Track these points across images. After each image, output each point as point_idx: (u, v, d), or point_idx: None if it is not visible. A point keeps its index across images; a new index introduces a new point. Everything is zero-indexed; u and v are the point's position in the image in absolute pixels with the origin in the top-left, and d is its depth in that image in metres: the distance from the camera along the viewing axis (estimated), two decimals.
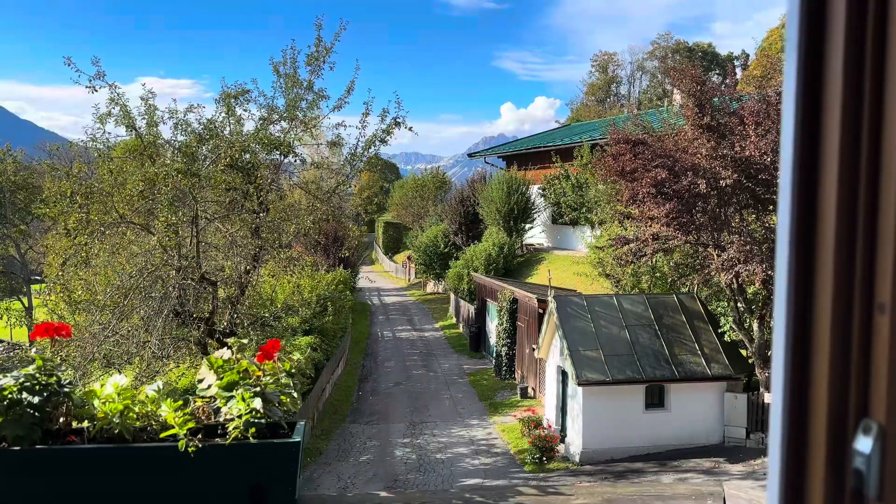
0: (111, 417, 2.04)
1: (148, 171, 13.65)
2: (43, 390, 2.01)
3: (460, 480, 15.97)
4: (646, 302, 18.36)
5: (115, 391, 2.11)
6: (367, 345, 33.04)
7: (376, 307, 44.99)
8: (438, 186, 62.56)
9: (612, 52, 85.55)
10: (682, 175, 15.66)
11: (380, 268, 69.95)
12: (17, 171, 37.82)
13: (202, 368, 2.28)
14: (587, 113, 69.24)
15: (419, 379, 26.35)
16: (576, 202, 32.68)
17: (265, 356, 2.26)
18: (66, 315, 16.47)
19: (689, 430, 17.08)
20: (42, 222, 29.51)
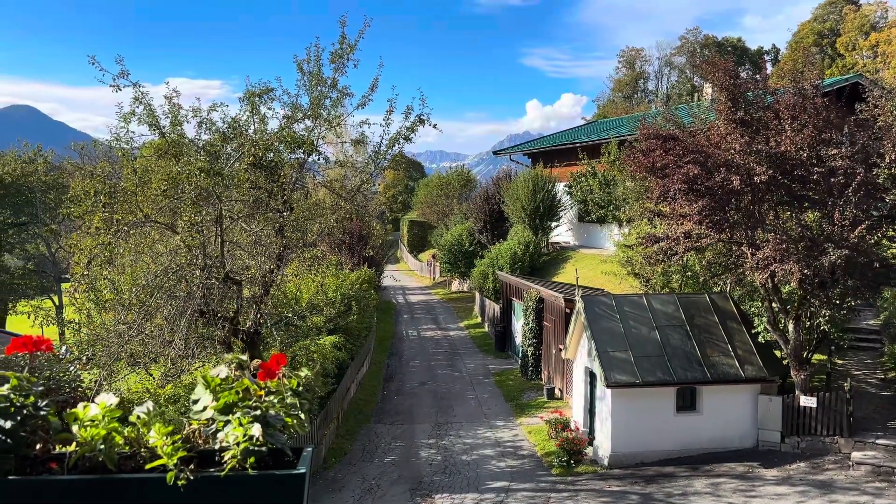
0: (94, 443, 1.80)
1: (172, 170, 13.57)
2: (17, 413, 1.78)
3: (486, 483, 15.70)
4: (676, 302, 17.92)
5: (102, 412, 1.88)
6: (392, 344, 32.90)
7: (401, 306, 44.87)
8: (463, 184, 62.26)
9: (640, 48, 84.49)
10: (715, 171, 15.21)
11: (404, 266, 69.89)
12: (48, 171, 38.37)
13: (197, 388, 2.04)
14: (614, 109, 68.40)
15: (444, 379, 26.12)
16: (603, 199, 32.18)
17: (267, 374, 2.02)
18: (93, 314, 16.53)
19: (722, 433, 16.65)
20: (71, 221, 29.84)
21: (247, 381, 2.07)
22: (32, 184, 37.04)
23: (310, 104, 15.56)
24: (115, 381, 15.61)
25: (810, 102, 15.50)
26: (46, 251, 39.81)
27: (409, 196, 76.02)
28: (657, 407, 16.45)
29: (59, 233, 37.54)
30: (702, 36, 78.12)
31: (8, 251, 38.99)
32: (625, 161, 18.47)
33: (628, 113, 55.61)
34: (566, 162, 38.70)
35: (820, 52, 63.71)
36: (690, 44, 77.31)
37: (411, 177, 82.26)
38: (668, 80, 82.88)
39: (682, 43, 78.60)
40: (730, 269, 17.66)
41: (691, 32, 79.22)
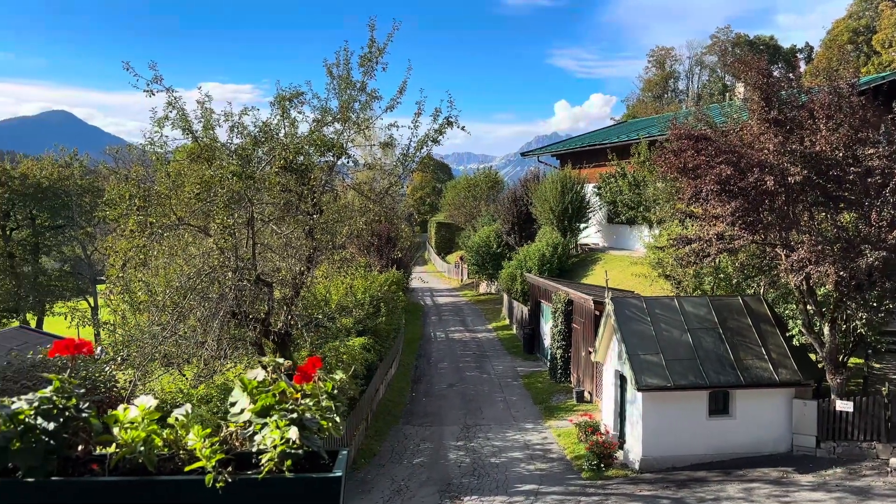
0: (135, 445, 1.83)
1: (204, 173, 13.75)
2: (59, 415, 1.82)
3: (515, 486, 15.64)
4: (709, 304, 17.67)
5: (141, 414, 1.90)
6: (420, 346, 32.96)
7: (429, 308, 44.93)
8: (491, 186, 62.16)
9: (670, 47, 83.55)
10: (749, 171, 14.98)
11: (432, 268, 69.99)
12: (84, 175, 39.19)
13: (235, 390, 2.06)
14: (644, 109, 67.74)
15: (472, 381, 26.09)
16: (633, 201, 31.87)
17: (304, 377, 2.02)
18: (128, 315, 16.82)
19: (755, 438, 16.37)
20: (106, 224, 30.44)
21: (283, 384, 2.08)
22: (69, 187, 37.87)
23: (339, 107, 15.66)
24: (149, 381, 15.87)
25: (846, 101, 15.19)
26: (82, 253, 40.66)
27: (436, 198, 76.10)
28: (689, 411, 16.23)
29: (94, 235, 38.38)
30: (733, 34, 77.00)
31: (45, 253, 39.91)
32: (655, 161, 18.26)
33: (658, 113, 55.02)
34: (595, 163, 38.41)
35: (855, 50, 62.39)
36: (722, 43, 76.26)
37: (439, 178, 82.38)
38: (698, 80, 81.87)
39: (713, 42, 77.58)
40: (763, 271, 17.36)
41: (722, 31, 78.16)
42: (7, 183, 36.25)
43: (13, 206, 37.19)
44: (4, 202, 36.54)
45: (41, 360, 16.16)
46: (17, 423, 1.83)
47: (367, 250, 34.99)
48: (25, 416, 1.84)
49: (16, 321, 35.71)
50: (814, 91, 16.02)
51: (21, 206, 37.44)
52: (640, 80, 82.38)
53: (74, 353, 2.02)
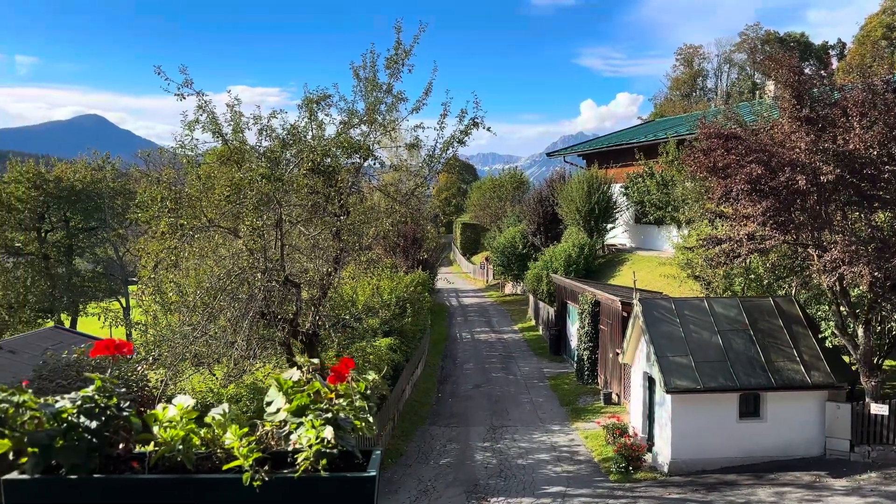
0: (174, 444, 1.86)
1: (234, 176, 13.94)
2: (101, 414, 1.86)
3: (542, 488, 15.58)
4: (739, 305, 17.42)
5: (179, 414, 1.94)
6: (446, 346, 32.98)
7: (454, 308, 44.94)
8: (516, 186, 62.01)
9: (698, 45, 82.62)
10: (780, 171, 14.73)
11: (458, 269, 70.00)
12: (116, 177, 39.89)
13: (270, 390, 2.09)
14: (672, 108, 67.04)
15: (498, 382, 26.04)
16: (661, 200, 31.56)
17: (338, 377, 2.05)
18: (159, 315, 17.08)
19: (787, 441, 16.11)
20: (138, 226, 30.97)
21: (317, 384, 2.10)
22: (101, 190, 38.56)
23: (365, 109, 15.76)
24: (179, 380, 16.11)
25: (880, 98, 14.87)
26: (114, 255, 41.38)
27: (461, 199, 76.12)
28: (719, 413, 16.03)
29: (126, 237, 39.05)
30: (763, 32, 75.87)
31: (79, 255, 40.68)
32: (684, 161, 18.06)
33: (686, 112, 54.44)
34: (622, 162, 38.11)
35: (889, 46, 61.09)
36: (751, 40, 75.15)
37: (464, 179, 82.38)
38: (727, 78, 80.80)
39: (742, 39, 76.51)
40: (795, 272, 17.08)
41: (752, 28, 77.06)
42: (42, 186, 37.02)
43: (48, 209, 37.98)
44: (39, 205, 37.31)
45: (75, 360, 16.49)
46: (61, 422, 1.88)
47: (394, 251, 35.14)
48: (69, 414, 1.88)
49: (51, 321, 36.47)
50: (847, 88, 15.70)
51: (55, 208, 38.21)
52: (668, 78, 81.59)
53: (115, 353, 2.07)
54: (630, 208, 36.54)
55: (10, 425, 1.85)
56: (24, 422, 1.87)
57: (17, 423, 1.86)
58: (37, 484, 1.85)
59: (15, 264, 37.73)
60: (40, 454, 1.84)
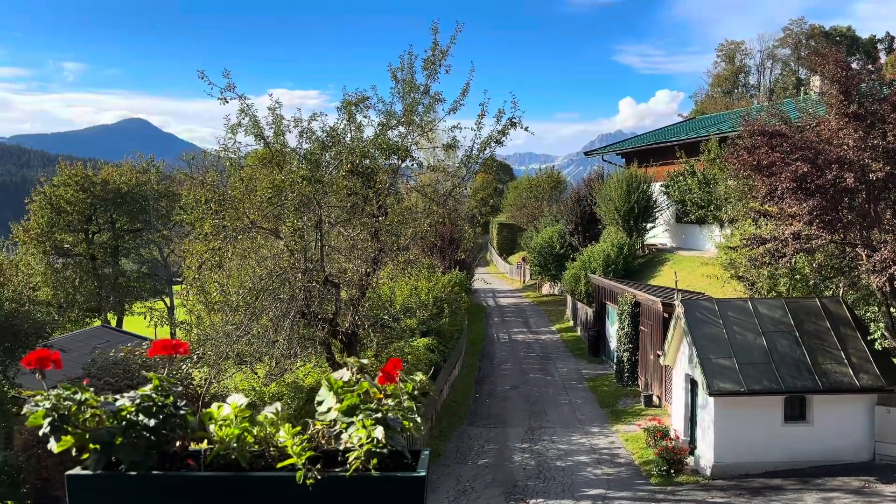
0: (228, 442, 1.90)
1: (275, 178, 14.15)
2: (159, 412, 1.91)
3: (582, 490, 15.46)
4: (784, 306, 17.03)
5: (234, 412, 1.98)
6: (483, 347, 32.94)
7: (491, 309, 44.86)
8: (553, 186, 61.59)
9: (740, 41, 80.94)
10: (827, 168, 14.39)
11: (494, 269, 69.86)
12: (160, 180, 40.84)
13: (321, 389, 2.12)
14: (713, 105, 65.82)
15: (536, 383, 25.92)
16: (702, 199, 31.02)
17: (387, 378, 2.07)
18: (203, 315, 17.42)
19: (834, 445, 15.71)
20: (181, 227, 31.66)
21: (366, 384, 2.13)
22: (146, 192, 39.51)
23: (403, 111, 15.85)
24: (222, 379, 16.42)
25: None
26: (159, 256, 42.35)
27: (498, 199, 75.95)
28: (763, 416, 15.71)
29: (170, 238, 39.93)
30: (807, 26, 73.97)
31: (125, 256, 41.77)
32: (727, 159, 17.74)
33: (728, 109, 53.43)
34: (662, 161, 37.58)
35: None
36: (795, 35, 73.38)
37: (500, 179, 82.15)
38: (770, 74, 79.04)
39: (785, 34, 74.73)
40: (843, 272, 16.65)
41: (796, 23, 75.18)
42: (90, 189, 38.10)
43: (95, 211, 39.05)
44: (87, 207, 38.40)
45: (122, 358, 16.94)
46: (121, 420, 1.93)
47: (431, 252, 35.23)
48: (128, 412, 1.94)
49: (98, 320, 37.53)
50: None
51: (102, 210, 39.27)
52: (709, 75, 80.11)
53: (171, 353, 2.12)
54: (670, 207, 36.01)
55: (73, 423, 1.91)
56: (85, 419, 1.93)
57: (80, 421, 1.92)
58: (98, 479, 1.91)
59: (64, 265, 38.92)
60: (102, 451, 1.90)
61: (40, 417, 1.90)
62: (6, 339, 16.44)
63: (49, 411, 1.89)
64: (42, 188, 38.30)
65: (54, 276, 37.52)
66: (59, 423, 1.89)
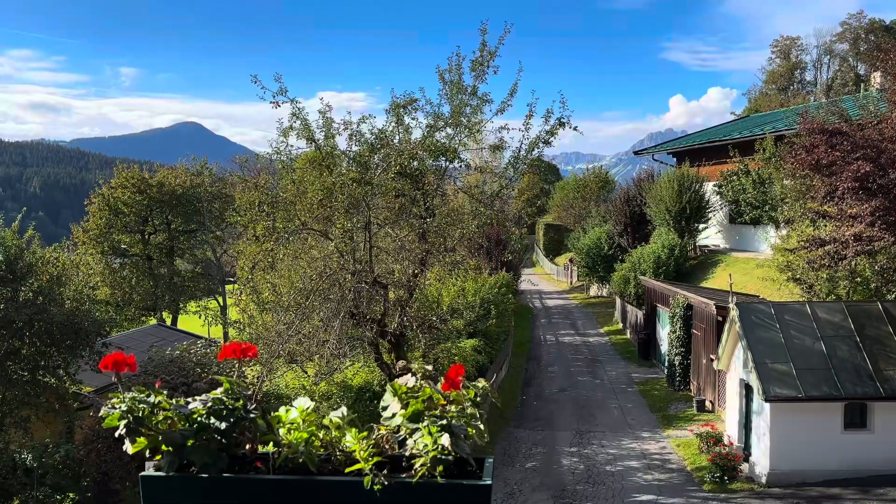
0: (297, 446, 1.93)
1: (326, 180, 14.33)
2: (230, 415, 1.95)
3: (632, 496, 15.23)
4: (844, 310, 16.46)
5: (301, 416, 2.01)
6: (530, 348, 32.75)
7: (538, 310, 44.58)
8: (601, 186, 60.83)
9: (795, 36, 78.60)
10: (890, 168, 13.88)
11: (540, 270, 69.42)
12: (213, 182, 41.78)
13: (386, 395, 2.14)
14: (767, 103, 64.08)
15: (584, 386, 25.64)
16: (757, 199, 30.19)
17: (451, 385, 2.07)
18: (255, 314, 17.78)
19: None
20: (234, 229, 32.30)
21: (429, 390, 2.13)
22: (200, 194, 40.45)
23: (451, 112, 15.86)
24: (273, 377, 16.72)
25: None
26: (212, 256, 43.34)
27: (544, 199, 75.41)
28: (821, 423, 15.21)
29: (223, 239, 40.83)
30: (866, 20, 71.37)
31: (179, 256, 42.85)
32: (784, 158, 17.25)
33: (784, 106, 51.94)
34: (715, 160, 36.72)
35: None
36: (853, 29, 70.92)
37: (547, 179, 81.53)
38: (828, 70, 76.55)
39: (843, 29, 72.28)
40: None
41: (854, 17, 72.63)
42: (146, 191, 39.22)
43: (151, 212, 40.18)
44: (143, 209, 39.55)
45: (178, 356, 17.39)
46: (193, 422, 1.98)
47: (478, 253, 35.19)
48: (199, 415, 1.98)
49: (153, 319, 38.61)
50: None
51: (158, 212, 40.38)
52: (763, 71, 77.99)
53: (241, 356, 2.16)
54: (724, 208, 35.16)
55: (147, 425, 1.96)
56: (158, 422, 1.98)
57: (153, 423, 1.97)
58: (171, 481, 1.96)
59: (121, 265, 40.16)
60: (174, 453, 1.95)
61: (116, 419, 1.95)
62: (67, 336, 17.01)
63: (124, 413, 1.94)
64: (100, 190, 39.59)
65: (112, 275, 38.74)
66: (134, 425, 1.94)
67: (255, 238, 14.84)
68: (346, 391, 17.01)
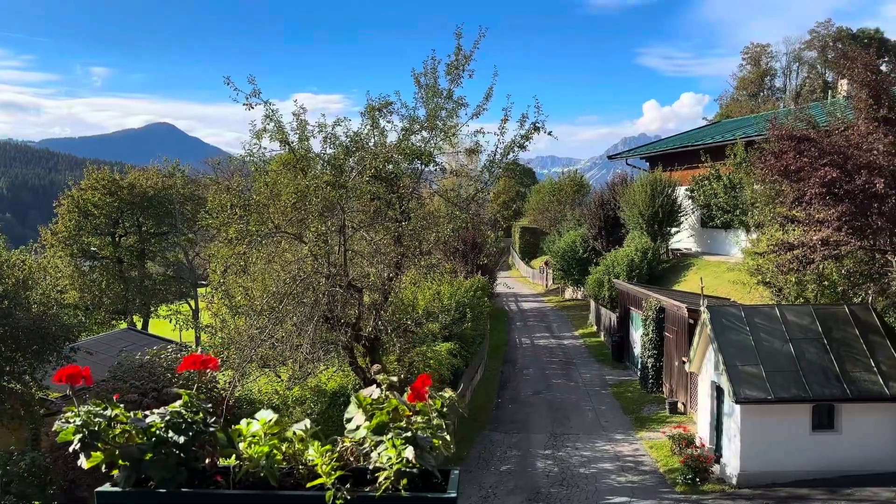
0: (258, 460, 1.89)
1: (300, 183, 14.22)
2: (189, 429, 1.90)
3: (606, 498, 15.32)
4: (812, 313, 16.74)
5: (263, 429, 1.97)
6: (506, 351, 32.82)
7: (514, 313, 44.70)
8: (576, 190, 61.28)
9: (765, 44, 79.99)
10: (856, 174, 14.14)
11: (516, 273, 69.63)
12: (186, 184, 41.26)
13: (351, 406, 2.11)
14: (738, 108, 65.08)
15: (559, 388, 25.75)
16: (728, 204, 30.64)
17: (417, 396, 2.05)
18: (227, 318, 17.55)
19: (864, 455, 15.38)
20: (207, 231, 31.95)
21: (395, 402, 2.11)
22: (172, 196, 39.93)
23: (426, 116, 15.85)
24: (246, 382, 16.53)
25: None
26: (184, 259, 42.79)
27: (520, 203, 75.73)
28: (790, 425, 15.44)
29: (195, 242, 40.33)
30: (834, 28, 72.82)
31: (151, 259, 42.26)
32: (754, 163, 17.51)
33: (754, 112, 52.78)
34: (687, 165, 37.18)
35: None
36: (821, 37, 72.30)
37: (522, 183, 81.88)
38: (797, 77, 77.95)
39: (812, 37, 73.66)
40: (872, 279, 16.35)
41: (822, 25, 74.04)
42: (116, 192, 38.62)
43: (122, 214, 39.57)
44: (114, 210, 38.94)
45: (148, 361, 17.12)
46: (151, 436, 1.93)
47: (453, 256, 35.20)
48: (158, 429, 1.94)
49: (124, 323, 38.01)
50: None
51: (129, 214, 39.79)
52: (734, 78, 79.17)
53: (201, 368, 2.12)
54: (696, 212, 35.62)
55: (103, 439, 1.91)
56: (115, 435, 1.93)
57: (110, 437, 1.92)
58: (128, 496, 1.91)
59: (91, 268, 39.48)
60: (131, 467, 1.90)
61: (70, 433, 1.90)
62: (34, 341, 16.67)
63: (79, 427, 1.89)
64: (70, 192, 38.91)
65: (81, 278, 38.06)
66: (89, 439, 1.89)
67: (227, 241, 14.66)
68: (320, 396, 16.89)
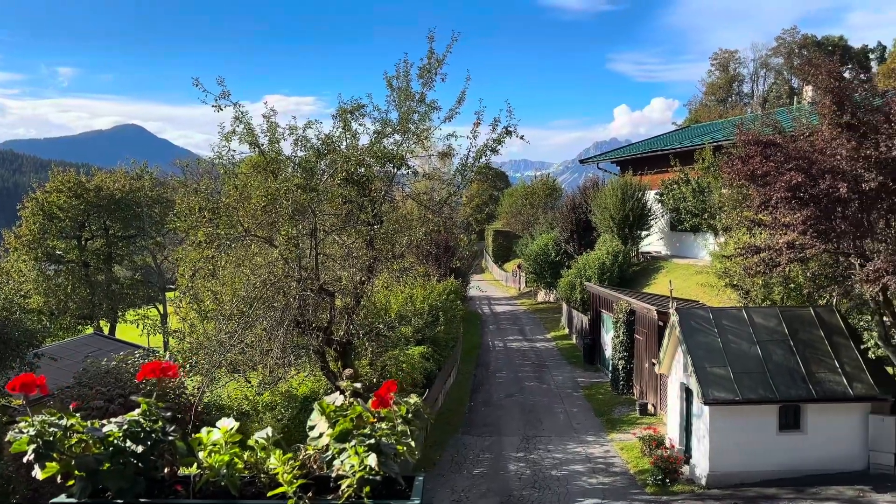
0: (218, 469, 1.86)
1: (270, 186, 14.08)
2: (147, 438, 1.87)
3: (577, 500, 15.40)
4: (779, 315, 17.05)
5: (224, 437, 1.94)
6: (479, 355, 32.87)
7: (487, 316, 44.79)
8: (549, 193, 61.71)
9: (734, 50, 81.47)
10: (820, 178, 14.40)
11: (490, 276, 69.81)
12: (154, 186, 40.67)
13: (314, 414, 2.08)
14: (707, 114, 66.11)
15: (532, 391, 25.85)
16: (697, 208, 31.08)
17: (381, 403, 2.03)
18: (196, 323, 17.31)
19: (829, 454, 15.69)
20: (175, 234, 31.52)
21: (359, 408, 2.09)
22: (140, 199, 39.33)
23: (399, 119, 15.81)
24: (215, 387, 16.31)
25: None
26: (152, 262, 42.15)
27: (493, 206, 75.98)
28: (758, 425, 15.69)
29: (164, 245, 39.76)
30: (800, 36, 74.44)
31: (118, 262, 41.54)
32: (721, 168, 17.76)
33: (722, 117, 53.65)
34: (657, 169, 37.66)
35: None
36: (788, 44, 73.85)
37: (496, 186, 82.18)
38: (764, 83, 79.47)
39: (778, 44, 75.23)
40: (837, 282, 16.66)
41: (788, 32, 75.67)
42: (83, 195, 37.92)
43: (88, 217, 38.86)
44: (80, 213, 38.22)
45: (114, 367, 16.80)
46: (108, 446, 1.89)
47: (426, 260, 35.17)
48: (115, 438, 1.90)
49: (90, 328, 37.29)
50: (889, 93, 15.30)
51: (95, 216, 39.07)
52: (703, 83, 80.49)
53: (161, 375, 2.08)
54: (665, 215, 36.07)
55: (59, 449, 1.86)
56: (71, 445, 1.89)
57: (66, 447, 1.87)
58: None
59: (56, 272, 38.68)
60: (88, 478, 1.86)
61: (24, 444, 1.85)
62: None
63: (34, 438, 1.85)
64: (34, 194, 38.11)
65: (46, 283, 37.28)
66: (44, 449, 1.84)
67: (196, 244, 14.46)
68: (291, 401, 16.72)
